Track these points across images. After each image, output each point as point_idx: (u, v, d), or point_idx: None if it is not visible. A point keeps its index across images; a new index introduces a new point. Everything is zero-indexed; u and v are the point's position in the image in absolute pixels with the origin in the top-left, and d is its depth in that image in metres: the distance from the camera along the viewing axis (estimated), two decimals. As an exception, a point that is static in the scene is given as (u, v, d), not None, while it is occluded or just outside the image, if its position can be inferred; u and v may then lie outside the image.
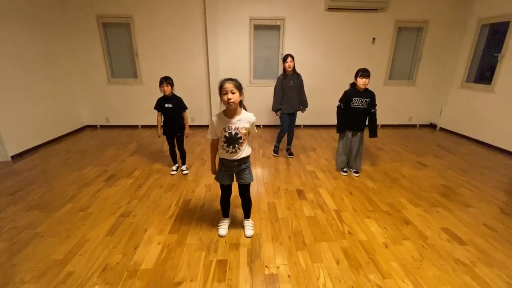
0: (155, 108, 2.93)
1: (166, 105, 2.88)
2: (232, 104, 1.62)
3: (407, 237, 2.05)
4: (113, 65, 4.90)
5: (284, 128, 3.51)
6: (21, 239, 1.99)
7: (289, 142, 3.69)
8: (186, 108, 3.00)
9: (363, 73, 2.70)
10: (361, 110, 2.84)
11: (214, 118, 1.74)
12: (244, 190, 1.97)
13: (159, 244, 1.95)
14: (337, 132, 3.04)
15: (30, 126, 3.83)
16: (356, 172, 3.13)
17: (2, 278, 1.65)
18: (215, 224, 2.17)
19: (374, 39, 4.84)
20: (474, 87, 4.57)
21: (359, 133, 2.96)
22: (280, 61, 4.90)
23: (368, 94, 2.81)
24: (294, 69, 3.30)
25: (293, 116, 3.51)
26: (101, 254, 1.84)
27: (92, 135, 4.74)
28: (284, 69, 3.29)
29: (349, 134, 2.98)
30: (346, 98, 2.86)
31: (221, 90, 1.63)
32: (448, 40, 4.89)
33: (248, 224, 2.09)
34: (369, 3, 4.46)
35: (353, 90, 2.84)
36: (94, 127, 5.18)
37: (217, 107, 4.28)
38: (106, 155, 3.70)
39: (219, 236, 2.03)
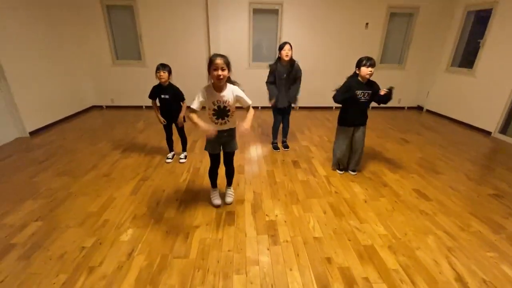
0: (149, 96, 2.83)
1: (163, 96, 2.78)
2: (222, 80, 1.72)
3: (384, 195, 2.46)
4: (117, 47, 5.08)
5: (277, 121, 3.37)
6: (58, 197, 2.34)
7: (285, 135, 3.54)
8: (184, 99, 2.86)
9: (368, 61, 2.28)
10: (364, 104, 2.49)
11: (203, 90, 1.79)
12: (230, 159, 2.15)
13: (177, 200, 2.32)
14: (334, 99, 2.53)
15: (41, 106, 4.07)
16: (354, 171, 2.82)
17: (48, 224, 2.00)
18: (222, 187, 2.47)
19: (367, 24, 5.08)
20: (458, 71, 4.91)
21: (361, 127, 2.62)
22: (278, 44, 5.14)
23: (371, 87, 2.43)
24: (291, 59, 2.96)
25: (285, 110, 3.29)
26: (129, 207, 2.21)
27: (99, 114, 5.01)
28: (280, 57, 2.98)
29: (351, 130, 2.63)
30: (348, 89, 2.40)
31: (211, 65, 1.67)
32: (437, 26, 5.15)
33: (229, 192, 2.30)
34: (363, -11, 4.66)
35: (355, 81, 2.42)
36: (100, 107, 5.43)
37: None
38: (116, 132, 4.00)
39: (215, 206, 2.20)
